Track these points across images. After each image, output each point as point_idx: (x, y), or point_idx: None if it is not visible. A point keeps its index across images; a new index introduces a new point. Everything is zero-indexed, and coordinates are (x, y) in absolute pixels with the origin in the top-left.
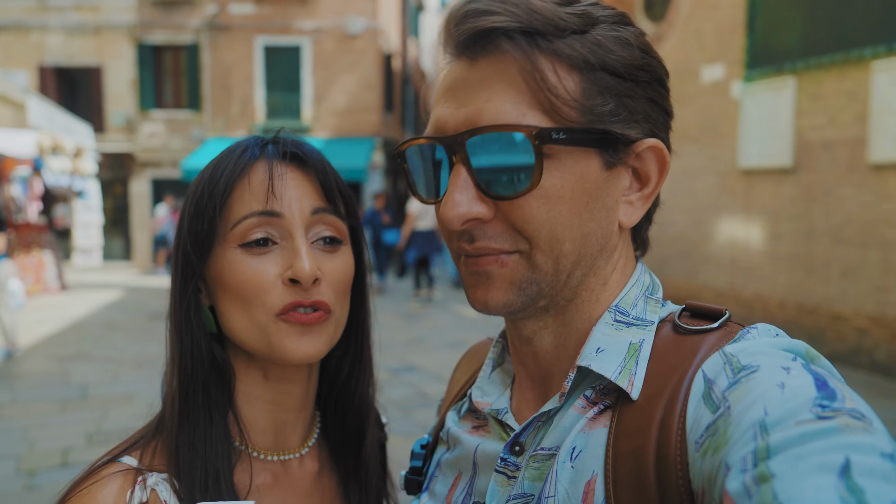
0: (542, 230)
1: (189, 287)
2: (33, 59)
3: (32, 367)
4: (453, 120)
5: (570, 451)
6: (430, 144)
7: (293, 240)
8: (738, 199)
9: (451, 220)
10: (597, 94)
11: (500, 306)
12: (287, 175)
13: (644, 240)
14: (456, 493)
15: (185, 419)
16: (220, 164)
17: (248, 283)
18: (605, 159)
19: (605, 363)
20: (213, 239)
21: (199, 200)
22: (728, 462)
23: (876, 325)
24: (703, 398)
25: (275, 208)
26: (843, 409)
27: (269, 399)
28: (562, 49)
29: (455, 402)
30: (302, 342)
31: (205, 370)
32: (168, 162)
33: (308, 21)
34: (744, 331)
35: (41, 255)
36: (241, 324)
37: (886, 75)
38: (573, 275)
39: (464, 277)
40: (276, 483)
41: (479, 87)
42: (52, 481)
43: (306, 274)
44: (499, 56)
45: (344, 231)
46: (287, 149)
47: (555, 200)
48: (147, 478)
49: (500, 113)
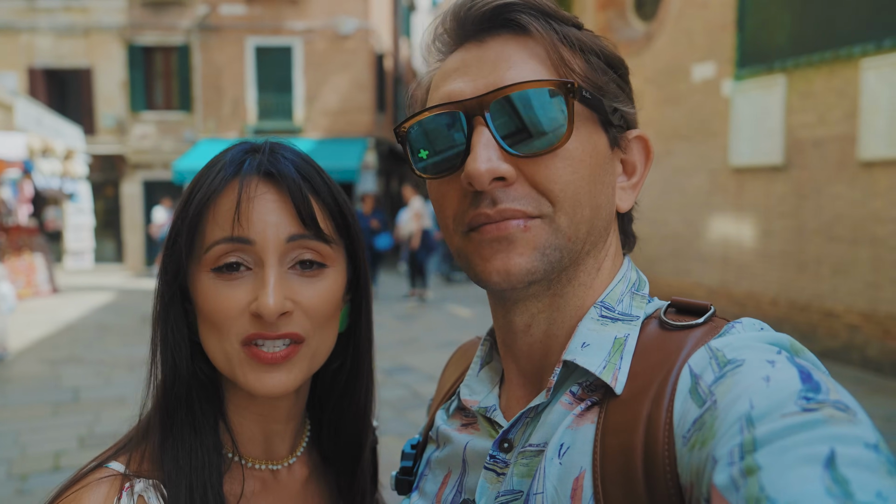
0: (567, 190)
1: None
2: (22, 61)
3: (24, 371)
4: (471, 89)
5: (558, 448)
6: (445, 114)
7: (264, 269)
8: (730, 198)
9: (481, 175)
10: (601, 74)
11: (523, 273)
12: (263, 196)
13: (630, 233)
14: (446, 492)
15: (168, 433)
16: (200, 179)
17: (217, 310)
18: (609, 138)
19: (590, 357)
20: (189, 259)
21: (177, 218)
22: (715, 456)
23: (867, 321)
24: (689, 393)
25: (245, 234)
26: (827, 400)
27: (256, 411)
28: (569, 33)
29: (444, 401)
30: (265, 379)
31: (185, 387)
32: (159, 163)
33: (299, 21)
34: (729, 325)
35: (32, 258)
36: (213, 348)
37: (875, 73)
38: (584, 246)
39: (477, 251)
40: (266, 491)
41: (496, 61)
42: (44, 485)
43: (269, 310)
44: (515, 34)
45: (328, 254)
46: (262, 166)
47: (577, 163)
48: (134, 484)
49: (524, 78)
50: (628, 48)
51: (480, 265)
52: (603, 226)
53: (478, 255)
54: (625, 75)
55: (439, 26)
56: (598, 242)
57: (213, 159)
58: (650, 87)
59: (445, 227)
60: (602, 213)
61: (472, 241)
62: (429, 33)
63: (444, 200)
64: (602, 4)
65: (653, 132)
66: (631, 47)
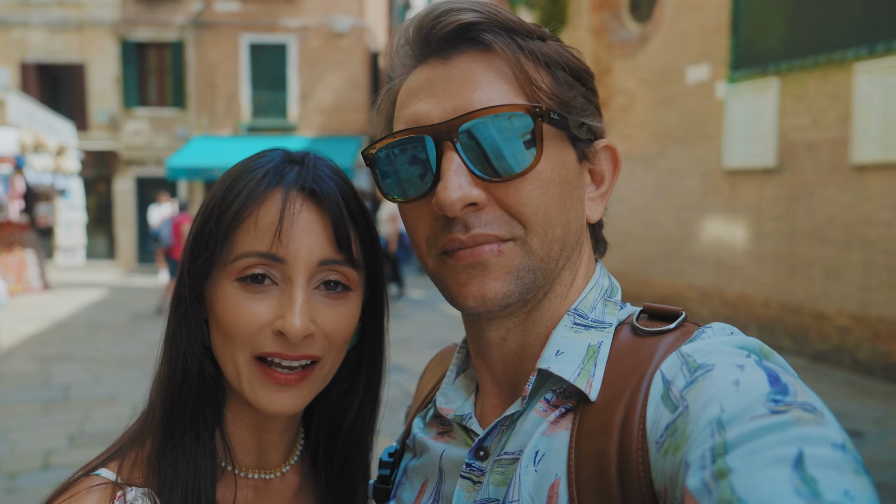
0: (538, 212)
1: (187, 301)
2: (15, 56)
3: (14, 368)
4: (438, 112)
5: (534, 455)
6: (413, 138)
7: (292, 287)
8: (723, 200)
9: (453, 203)
10: (567, 89)
11: (499, 298)
12: (301, 215)
13: (601, 239)
14: (423, 500)
15: (169, 438)
16: (236, 182)
17: (237, 322)
18: (577, 152)
19: (565, 365)
20: (213, 265)
21: (206, 221)
22: (688, 460)
23: (858, 324)
24: (661, 399)
25: (278, 253)
26: (794, 402)
27: (253, 421)
28: (534, 47)
29: (421, 409)
30: (276, 398)
31: (194, 389)
32: (152, 160)
33: (294, 19)
34: (699, 330)
35: (23, 254)
36: (224, 358)
37: (868, 77)
38: (558, 263)
39: (452, 276)
40: (258, 499)
41: (463, 81)
42: (34, 484)
43: (296, 331)
44: (480, 52)
45: (354, 278)
46: (307, 182)
47: (547, 184)
48: (126, 492)
49: (491, 101)
50: (623, 49)
51: (456, 289)
52: (575, 240)
53: (453, 280)
54: (591, 86)
55: (402, 37)
56: (572, 255)
57: (248, 162)
58: (644, 89)
59: (419, 248)
60: (573, 228)
61: (446, 265)
62: (394, 41)
63: (416, 223)
64: (597, 5)
65: (647, 134)
66: (626, 48)
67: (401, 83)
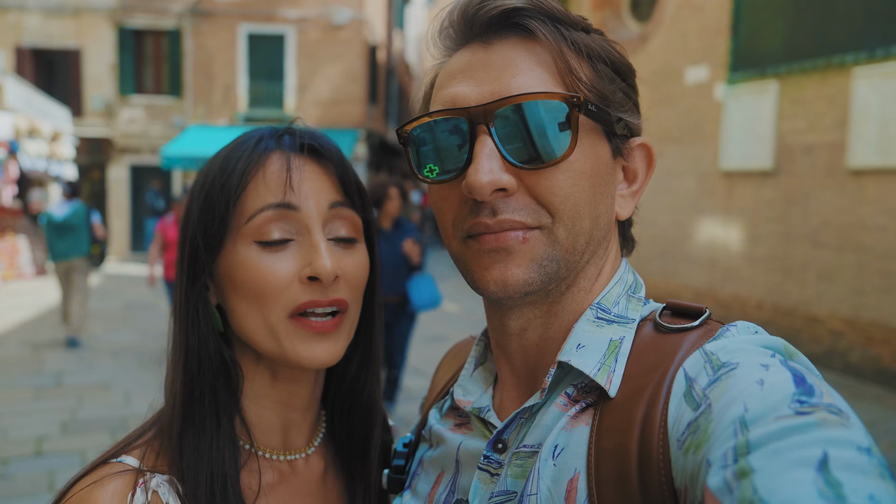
0: (567, 203)
1: (198, 284)
2: (10, 40)
3: (5, 354)
4: (476, 94)
5: (553, 449)
6: (448, 119)
7: (311, 235)
8: (719, 201)
9: (482, 187)
10: (608, 83)
11: (521, 284)
12: (304, 167)
13: (630, 237)
14: (438, 491)
15: (189, 423)
16: (231, 154)
17: (264, 281)
18: (612, 147)
19: (585, 359)
20: (224, 234)
21: (209, 194)
22: (709, 458)
23: (850, 327)
24: (684, 396)
25: (291, 201)
26: (820, 404)
27: (276, 399)
28: (577, 38)
29: (437, 401)
30: (316, 348)
31: (213, 372)
32: (147, 148)
33: (293, 10)
34: (723, 329)
35: (15, 239)
36: (253, 324)
37: (867, 82)
38: (584, 256)
39: (475, 260)
40: (283, 482)
41: (502, 66)
42: (26, 470)
43: (327, 271)
44: (523, 38)
45: (359, 227)
46: (304, 140)
47: (579, 175)
48: (149, 480)
49: (529, 88)
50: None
51: (478, 273)
52: (602, 234)
53: (476, 264)
54: (632, 83)
55: (445, 20)
56: (598, 250)
57: (238, 139)
58: (643, 88)
59: (444, 230)
60: (601, 223)
61: (470, 248)
62: (435, 25)
63: (444, 204)
64: (598, 4)
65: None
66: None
67: (441, 65)
